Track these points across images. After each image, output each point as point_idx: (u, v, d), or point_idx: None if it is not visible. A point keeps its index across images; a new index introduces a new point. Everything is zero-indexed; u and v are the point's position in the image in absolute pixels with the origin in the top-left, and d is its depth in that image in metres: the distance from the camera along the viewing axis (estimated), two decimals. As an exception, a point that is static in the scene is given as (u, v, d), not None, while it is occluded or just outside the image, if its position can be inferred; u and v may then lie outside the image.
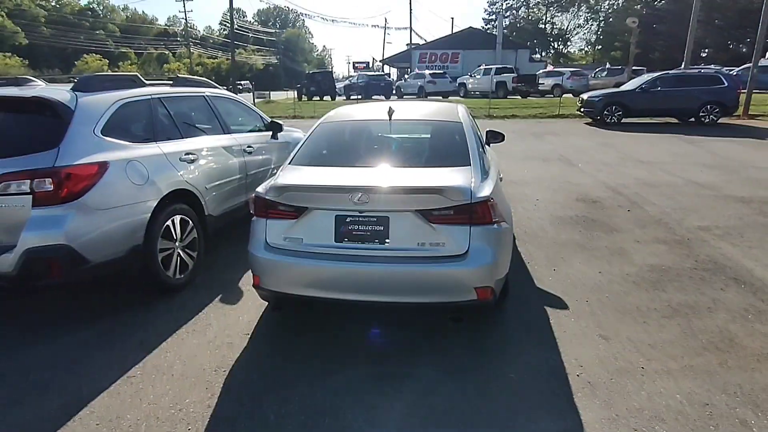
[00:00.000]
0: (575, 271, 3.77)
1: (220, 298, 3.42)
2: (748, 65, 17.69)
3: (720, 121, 13.00)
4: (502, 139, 4.53)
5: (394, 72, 47.69)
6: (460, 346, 2.75)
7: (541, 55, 60.44)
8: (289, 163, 3.10)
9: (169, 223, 3.39)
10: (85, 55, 52.66)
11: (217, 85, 4.95)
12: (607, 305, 3.20)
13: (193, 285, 3.61)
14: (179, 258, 3.51)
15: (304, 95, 28.95)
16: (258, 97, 26.91)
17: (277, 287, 2.69)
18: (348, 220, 2.57)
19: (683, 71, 15.29)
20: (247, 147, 4.51)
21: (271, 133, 5.03)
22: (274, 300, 2.93)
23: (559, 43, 67.80)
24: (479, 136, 3.57)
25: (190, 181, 3.64)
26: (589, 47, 65.32)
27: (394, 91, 29.07)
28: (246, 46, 65.28)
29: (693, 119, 13.24)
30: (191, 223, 3.63)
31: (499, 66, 28.23)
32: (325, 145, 3.37)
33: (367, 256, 2.55)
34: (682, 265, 3.86)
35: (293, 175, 2.87)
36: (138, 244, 3.15)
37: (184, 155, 3.66)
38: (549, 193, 6.25)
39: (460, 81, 29.12)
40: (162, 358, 2.67)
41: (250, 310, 3.22)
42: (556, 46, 67.71)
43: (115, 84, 3.50)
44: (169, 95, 3.90)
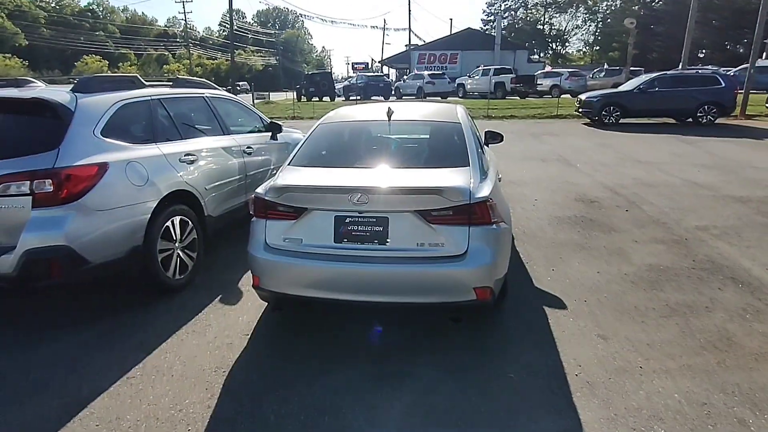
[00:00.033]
0: (574, 271, 3.79)
1: (219, 298, 3.42)
2: (746, 66, 17.76)
3: (717, 121, 13.05)
4: (501, 140, 4.54)
5: (393, 73, 47.75)
6: (459, 346, 2.76)
7: (540, 55, 60.52)
8: (289, 163, 3.11)
9: (168, 223, 3.40)
10: (84, 56, 52.62)
11: (217, 86, 4.95)
12: (605, 305, 3.21)
13: (192, 285, 3.62)
14: (179, 259, 3.52)
15: (303, 96, 28.96)
16: (257, 98, 26.93)
17: (277, 288, 2.70)
18: (347, 220, 2.58)
19: (681, 72, 15.33)
20: (246, 148, 4.51)
21: (270, 133, 5.04)
22: (273, 300, 2.94)
23: (558, 43, 67.94)
24: (478, 137, 3.58)
25: (189, 181, 3.64)
26: (587, 48, 65.49)
27: (393, 92, 29.10)
28: (245, 47, 65.31)
29: (690, 119, 13.28)
30: (191, 224, 3.64)
31: (498, 67, 28.31)
32: (324, 146, 3.38)
33: (366, 256, 2.55)
34: (680, 264, 3.87)
35: (293, 176, 2.88)
36: (138, 244, 3.15)
37: (184, 156, 3.67)
38: (547, 193, 6.27)
39: (458, 82, 29.18)
40: (162, 359, 2.68)
41: (250, 310, 3.23)
42: (554, 47, 67.83)
43: (114, 85, 3.50)
44: (168, 96, 3.90)
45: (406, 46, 47.87)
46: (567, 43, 68.18)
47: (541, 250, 4.24)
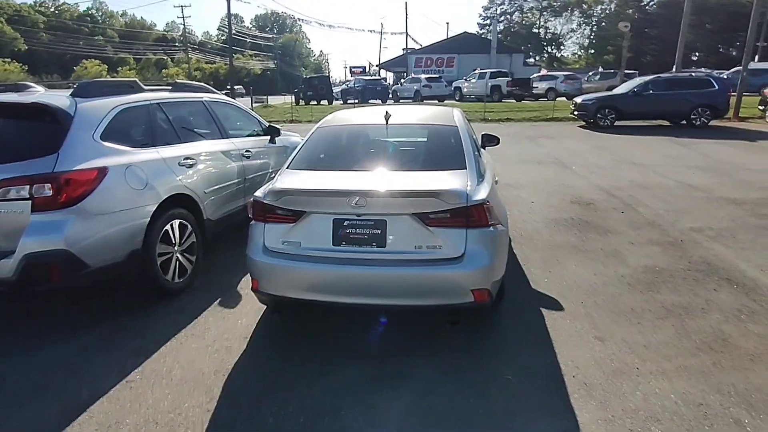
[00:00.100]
0: (570, 273, 3.81)
1: (218, 302, 3.43)
2: (738, 68, 17.91)
3: (711, 123, 13.14)
4: (497, 143, 4.58)
5: (390, 76, 47.87)
6: (457, 348, 2.77)
7: (535, 59, 60.86)
8: (287, 167, 3.12)
9: (167, 227, 3.40)
10: (84, 60, 52.59)
11: (216, 90, 4.97)
12: (602, 307, 3.23)
13: (191, 289, 3.62)
14: (178, 262, 3.52)
15: (301, 99, 28.99)
16: (256, 102, 26.92)
17: (276, 291, 2.71)
18: (346, 223, 2.60)
19: (675, 75, 15.49)
20: (245, 151, 4.53)
21: (269, 137, 5.06)
22: (272, 303, 2.94)
23: (553, 47, 68.32)
24: (475, 140, 3.61)
25: (188, 185, 3.65)
26: (582, 51, 65.89)
27: (391, 95, 29.17)
28: (244, 52, 65.34)
29: (685, 122, 13.38)
30: (190, 228, 3.64)
31: (494, 70, 28.45)
32: (322, 149, 3.39)
33: (364, 259, 2.57)
34: (675, 266, 3.90)
35: (291, 180, 2.89)
36: (137, 248, 3.15)
37: (183, 160, 3.68)
38: (544, 195, 6.30)
39: (455, 85, 29.30)
40: (161, 363, 2.68)
41: (249, 313, 3.23)
42: (549, 51, 68.22)
43: (114, 89, 3.51)
44: (167, 100, 3.92)
45: (404, 49, 47.98)
46: (562, 47, 68.63)
47: (538, 253, 4.26)
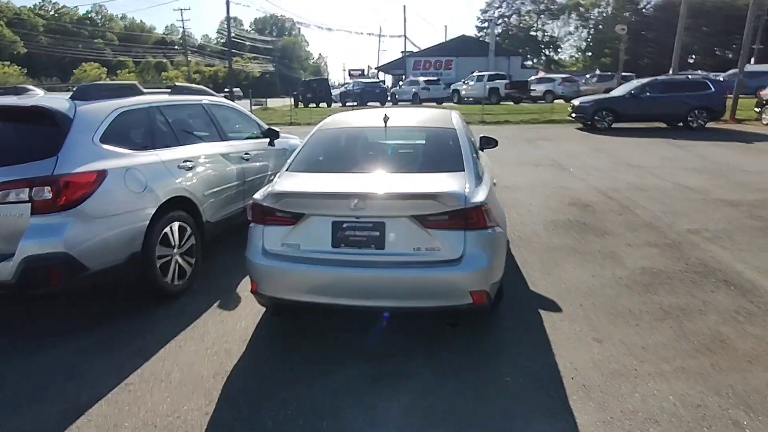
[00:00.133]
0: (568, 274, 3.83)
1: (218, 304, 3.43)
2: (735, 71, 18.01)
3: (708, 125, 13.21)
4: (496, 145, 4.59)
5: (389, 79, 48.00)
6: (456, 349, 2.78)
7: (533, 61, 61.08)
8: (287, 169, 3.13)
9: (167, 230, 3.41)
10: (83, 63, 52.55)
11: (215, 93, 4.98)
12: (600, 308, 3.25)
13: (191, 291, 3.62)
14: (177, 264, 3.53)
15: (300, 102, 29.01)
16: (255, 104, 26.95)
17: (275, 293, 2.71)
18: (345, 225, 2.61)
19: (671, 77, 15.58)
20: (244, 154, 4.54)
21: (268, 139, 5.06)
22: (271, 306, 2.94)
23: (551, 50, 68.57)
24: (473, 142, 3.62)
25: (188, 188, 3.66)
26: (579, 54, 66.11)
27: (389, 98, 29.23)
28: (243, 54, 65.41)
29: (681, 124, 13.44)
30: (189, 230, 3.65)
31: (492, 73, 28.52)
32: (321, 152, 3.40)
33: (363, 261, 2.58)
34: (673, 268, 3.92)
35: (290, 182, 2.90)
36: (136, 251, 3.16)
37: (182, 162, 3.69)
38: (542, 197, 6.32)
39: (453, 87, 29.35)
40: (160, 365, 2.68)
41: (248, 316, 3.24)
42: (547, 53, 68.45)
43: (113, 92, 3.52)
44: (167, 103, 3.93)
45: (402, 52, 48.18)
46: (560, 49, 68.87)
47: (536, 254, 4.28)
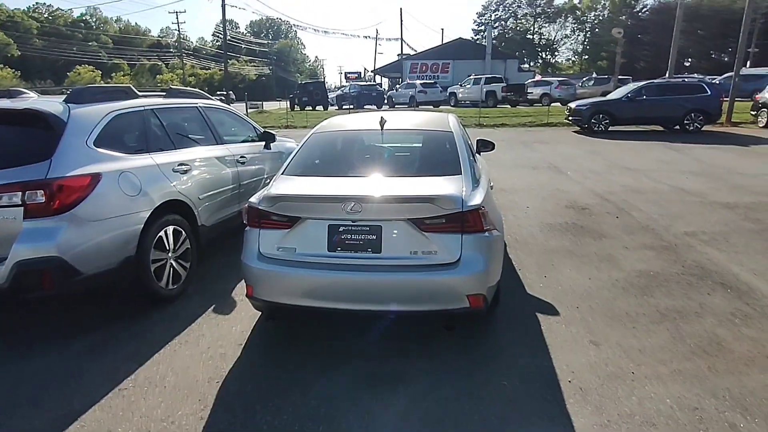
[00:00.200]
0: (565, 277, 3.82)
1: (213, 308, 3.41)
2: (730, 74, 18.11)
3: (704, 128, 13.29)
4: (492, 148, 4.60)
5: (385, 82, 48.12)
6: (453, 353, 2.77)
7: (530, 65, 61.41)
8: (282, 173, 3.12)
9: (161, 233, 3.39)
10: (77, 66, 52.42)
11: (211, 96, 4.97)
12: (597, 311, 3.24)
13: (185, 295, 3.60)
14: (172, 268, 3.50)
15: (296, 105, 29.06)
16: (251, 107, 26.95)
17: (271, 297, 2.70)
18: (341, 229, 2.60)
19: (667, 80, 15.64)
20: (240, 157, 4.52)
21: (264, 143, 5.05)
22: (267, 310, 2.93)
23: (547, 53, 68.99)
24: (470, 145, 3.62)
25: (183, 191, 3.64)
26: (576, 57, 66.58)
27: (386, 101, 29.30)
28: (239, 57, 65.49)
29: (678, 127, 13.52)
30: (184, 234, 3.63)
31: (489, 76, 28.62)
32: (317, 155, 3.40)
33: (360, 265, 2.56)
34: (669, 270, 3.92)
35: (286, 185, 2.89)
36: (130, 255, 3.13)
37: (177, 166, 3.67)
38: (538, 200, 6.33)
39: (450, 90, 29.43)
40: (154, 370, 2.66)
41: (244, 320, 3.22)
42: (544, 56, 68.87)
43: (107, 95, 3.51)
44: (162, 106, 3.91)
45: (399, 55, 48.31)
46: (556, 53, 69.33)
47: (533, 257, 4.27)
